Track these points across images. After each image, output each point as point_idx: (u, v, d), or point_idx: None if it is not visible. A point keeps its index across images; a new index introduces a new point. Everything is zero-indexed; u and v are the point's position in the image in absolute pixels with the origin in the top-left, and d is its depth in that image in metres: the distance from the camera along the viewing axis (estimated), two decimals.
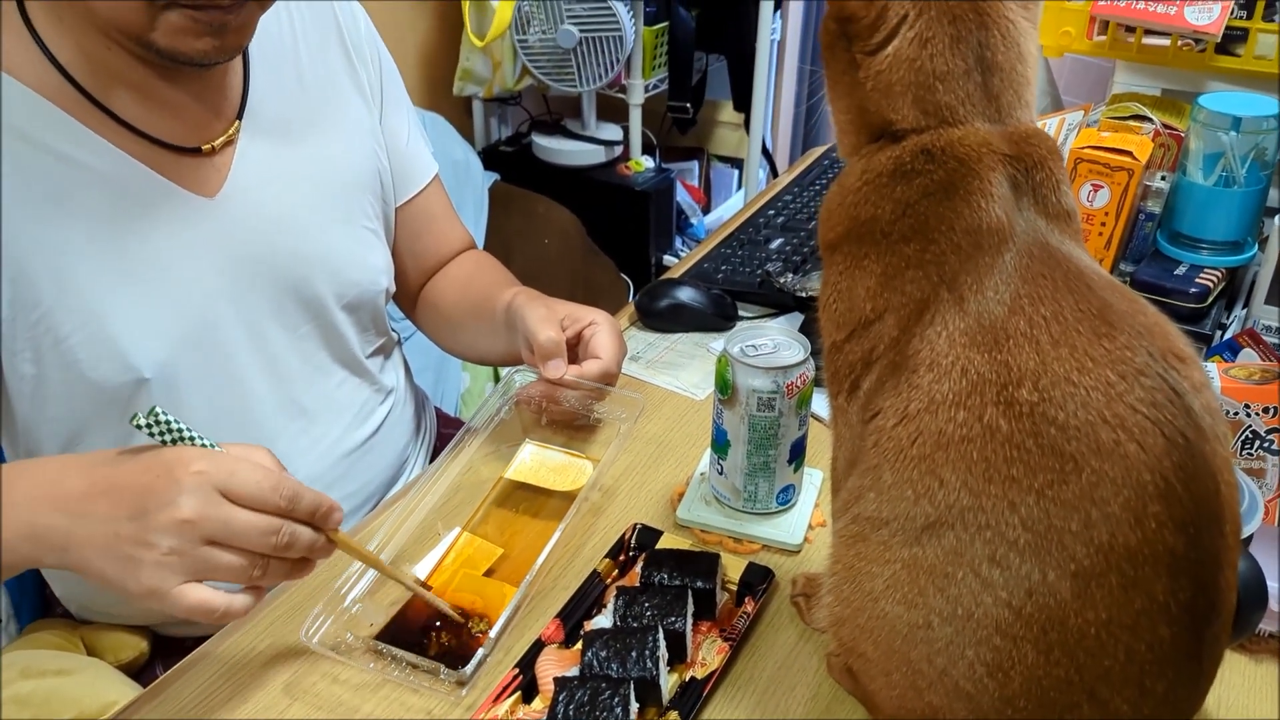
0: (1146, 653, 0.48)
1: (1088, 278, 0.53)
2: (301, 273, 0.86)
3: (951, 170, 0.54)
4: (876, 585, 0.54)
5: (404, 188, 0.99)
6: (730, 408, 0.76)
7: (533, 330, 0.84)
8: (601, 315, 0.88)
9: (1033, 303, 0.52)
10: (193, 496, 0.57)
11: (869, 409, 0.56)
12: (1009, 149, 0.55)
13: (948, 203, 0.54)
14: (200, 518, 0.57)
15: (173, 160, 0.78)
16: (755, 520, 0.79)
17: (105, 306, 0.75)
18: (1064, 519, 0.48)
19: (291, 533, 0.60)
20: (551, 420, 0.87)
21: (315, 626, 0.67)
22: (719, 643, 0.68)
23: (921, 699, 0.53)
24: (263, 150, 0.83)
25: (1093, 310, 0.51)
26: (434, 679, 0.65)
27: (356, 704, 0.65)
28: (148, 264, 0.77)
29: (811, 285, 1.07)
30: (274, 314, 0.85)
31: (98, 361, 0.76)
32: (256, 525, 0.58)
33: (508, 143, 2.35)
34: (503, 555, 0.77)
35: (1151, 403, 0.48)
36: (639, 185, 2.18)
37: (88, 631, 0.89)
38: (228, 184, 0.81)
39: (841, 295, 0.58)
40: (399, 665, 0.66)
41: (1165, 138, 1.02)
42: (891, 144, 0.56)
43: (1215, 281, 0.96)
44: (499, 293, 0.94)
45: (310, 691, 0.66)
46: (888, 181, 0.55)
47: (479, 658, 0.66)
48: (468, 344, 1.04)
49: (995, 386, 0.51)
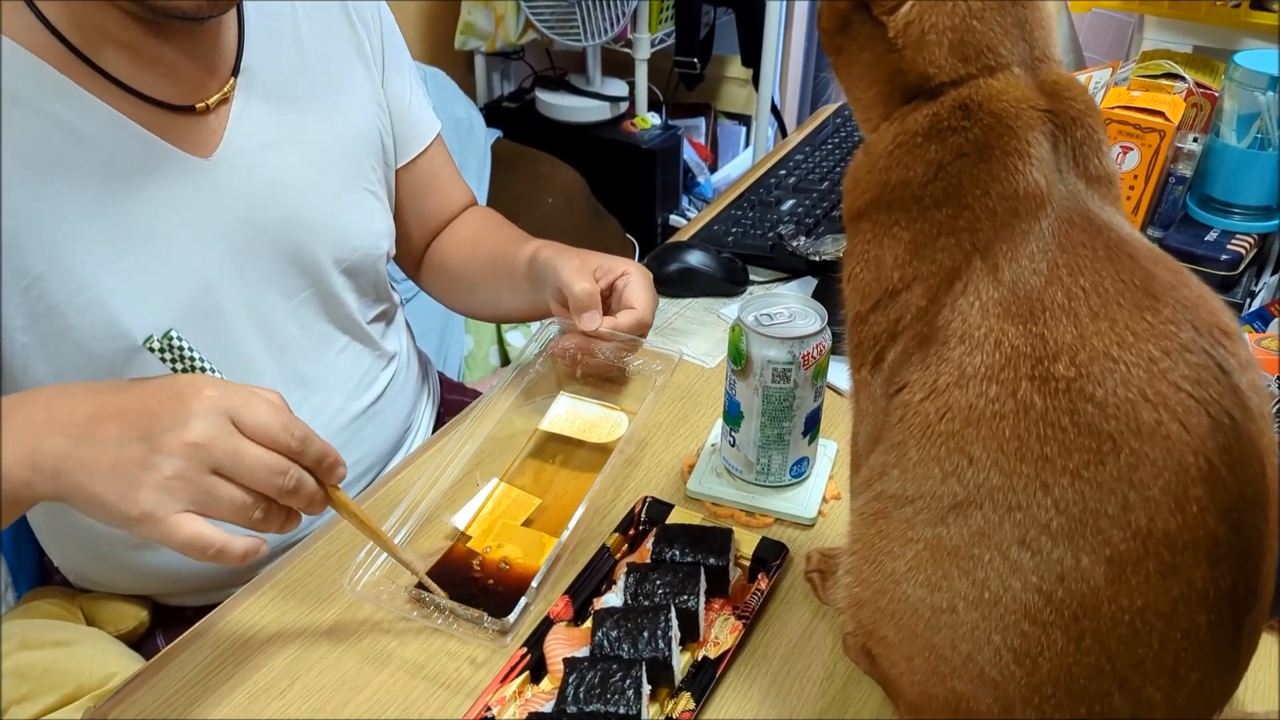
0: (1182, 641, 0.46)
1: (1130, 247, 0.50)
2: (301, 238, 0.83)
3: (988, 128, 0.51)
4: (898, 566, 0.52)
5: (406, 148, 0.97)
6: (744, 378, 0.74)
7: (567, 283, 0.82)
8: (634, 266, 0.87)
9: (1071, 273, 0.49)
10: (204, 421, 0.55)
11: (894, 382, 0.54)
12: (1047, 103, 0.52)
13: (983, 165, 0.51)
14: (209, 443, 0.55)
15: (166, 119, 0.75)
16: (768, 493, 0.77)
17: (99, 273, 0.73)
18: (1100, 502, 0.46)
19: (299, 477, 0.58)
20: (586, 373, 0.87)
21: (357, 575, 0.67)
22: (732, 621, 0.66)
23: (944, 685, 0.51)
24: (259, 110, 0.81)
25: (1135, 282, 0.48)
26: (477, 627, 0.66)
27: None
28: (142, 229, 0.74)
29: (825, 249, 1.04)
30: (272, 281, 0.82)
31: (92, 330, 0.73)
32: (265, 461, 0.56)
33: (510, 99, 2.31)
34: (540, 505, 0.76)
35: (1196, 380, 0.46)
36: (645, 143, 2.14)
37: (87, 601, 0.87)
38: (223, 144, 0.78)
39: (868, 265, 0.55)
40: (441, 613, 0.67)
41: (1198, 97, 0.98)
42: (927, 102, 0.53)
43: (1247, 248, 0.93)
44: (516, 248, 0.93)
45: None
46: (922, 141, 0.52)
47: (521, 606, 0.66)
48: (484, 302, 1.02)
49: (1030, 360, 0.48)
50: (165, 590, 0.88)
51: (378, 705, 0.62)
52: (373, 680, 0.64)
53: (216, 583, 0.86)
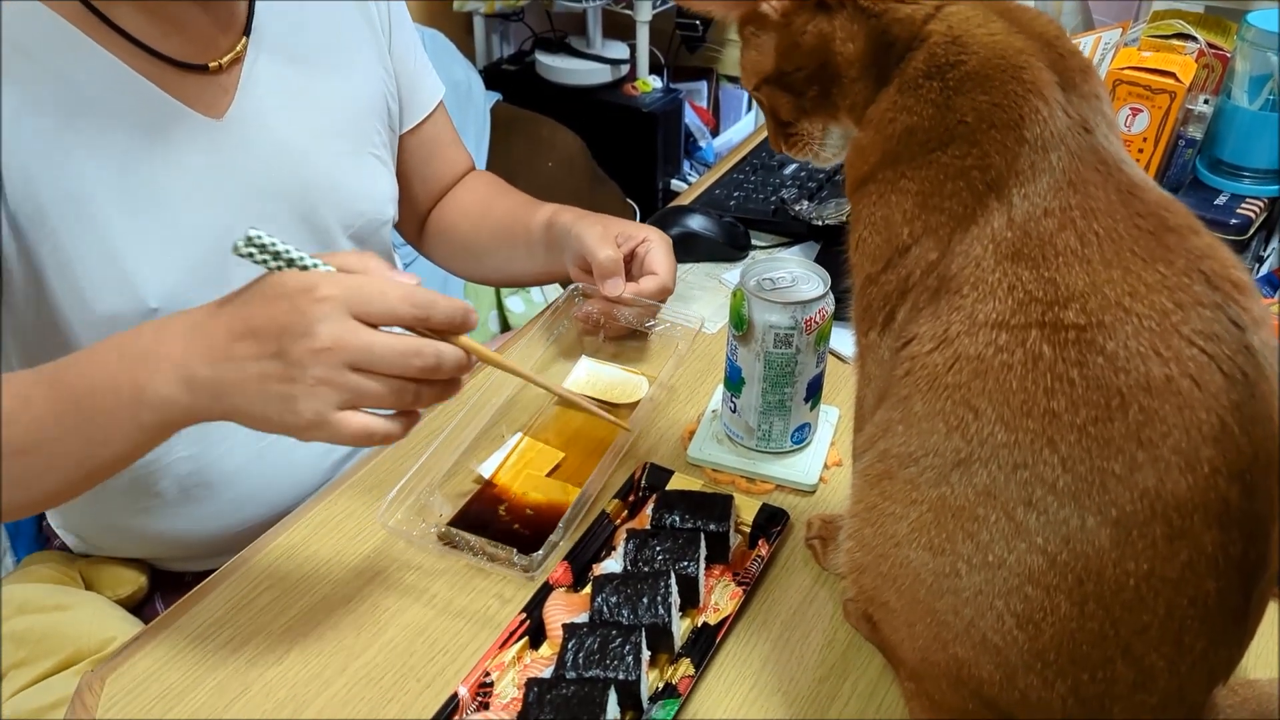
0: (1189, 608, 0.45)
1: (1141, 190, 0.49)
2: (311, 201, 0.83)
3: (985, 59, 0.50)
4: (900, 529, 0.51)
5: (412, 114, 0.97)
6: (745, 344, 0.73)
7: (592, 249, 0.84)
8: (655, 232, 0.88)
9: (1085, 216, 0.48)
10: (326, 324, 0.54)
11: (902, 337, 0.53)
12: (1034, 47, 0.51)
13: (985, 95, 0.50)
14: (338, 344, 0.54)
15: (179, 78, 0.75)
16: (769, 459, 0.77)
17: (112, 229, 0.72)
18: (1107, 460, 0.45)
19: (436, 353, 0.57)
20: (609, 337, 0.89)
21: (389, 513, 0.69)
22: (732, 587, 0.66)
23: (946, 651, 0.51)
24: (270, 70, 0.80)
25: (1148, 229, 0.47)
26: (507, 565, 0.67)
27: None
28: (156, 188, 0.74)
29: (828, 213, 1.03)
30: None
31: (103, 290, 0.73)
32: (395, 348, 0.55)
33: (510, 61, 2.28)
34: (563, 459, 0.78)
35: (1209, 335, 0.45)
36: (646, 106, 2.12)
37: (86, 565, 0.87)
38: (235, 105, 0.78)
39: (876, 227, 0.54)
40: (470, 552, 0.68)
41: (1210, 58, 0.96)
42: (917, 50, 0.52)
43: (1257, 212, 0.92)
44: (529, 213, 0.94)
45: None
46: (923, 82, 0.51)
47: (549, 543, 0.67)
48: (495, 267, 1.03)
49: (1041, 305, 0.47)
50: (165, 555, 0.88)
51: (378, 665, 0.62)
52: (375, 642, 0.64)
53: (217, 549, 0.85)
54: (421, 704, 0.60)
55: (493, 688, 0.59)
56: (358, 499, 0.74)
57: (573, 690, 0.54)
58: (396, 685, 0.61)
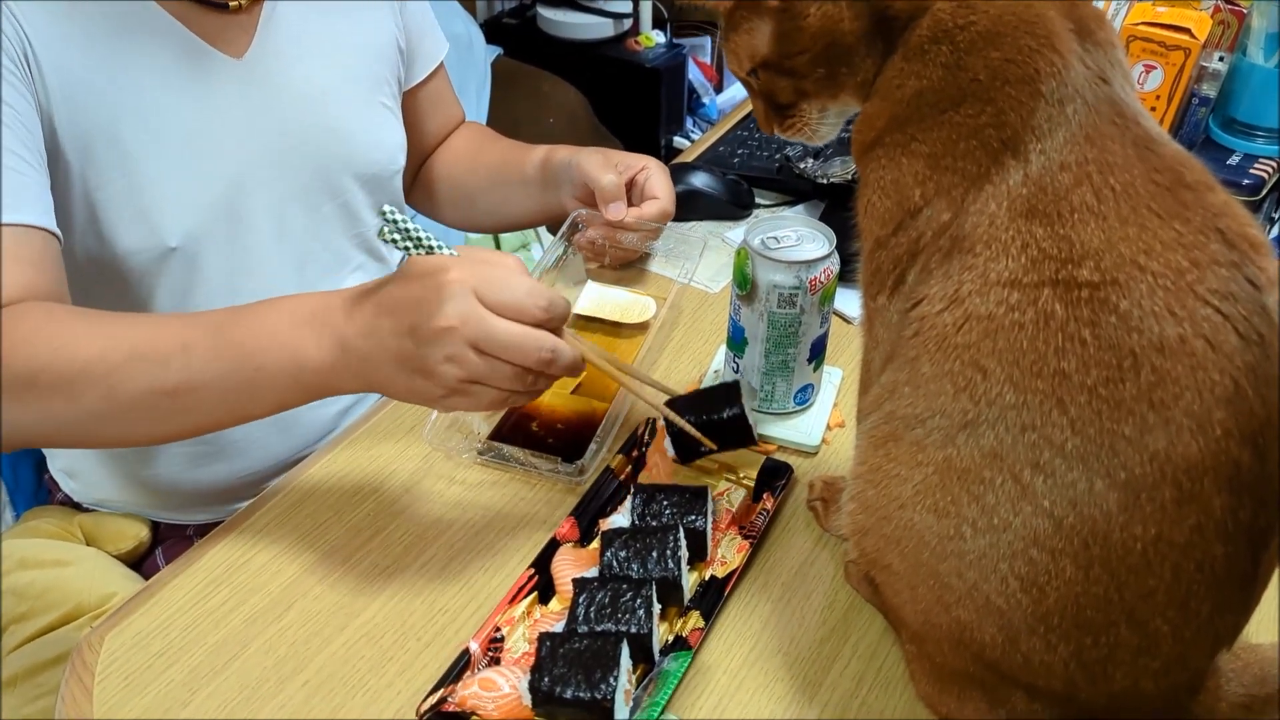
0: (1195, 573, 0.45)
1: (1157, 145, 0.47)
2: (328, 147, 0.84)
3: (995, 17, 0.48)
4: (905, 491, 0.51)
5: (417, 69, 0.97)
6: (749, 304, 0.72)
7: (594, 176, 0.86)
8: (653, 161, 0.91)
9: (1101, 171, 0.46)
10: (453, 304, 0.56)
11: (911, 299, 0.52)
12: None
13: (998, 52, 0.48)
14: (462, 323, 0.56)
15: (201, 16, 0.76)
16: (771, 420, 0.76)
17: (139, 167, 0.73)
18: (1117, 422, 0.44)
19: (553, 348, 0.58)
20: (614, 260, 0.92)
21: (430, 430, 0.72)
22: (739, 540, 0.66)
23: (949, 614, 0.50)
24: (290, 12, 0.81)
25: (1165, 184, 0.46)
26: (552, 474, 0.70)
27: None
28: (179, 126, 0.75)
29: (833, 171, 1.01)
30: (297, 195, 0.83)
31: (125, 226, 0.74)
32: (514, 337, 0.57)
33: (511, 14, 2.24)
34: (586, 376, 0.79)
35: (1225, 295, 0.44)
36: (649, 61, 2.08)
37: (86, 519, 0.87)
38: (255, 45, 0.79)
39: (885, 190, 0.52)
40: (514, 463, 0.72)
41: (1226, 14, 0.94)
42: (923, 16, 0.50)
43: (1270, 172, 0.90)
44: (522, 154, 0.97)
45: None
46: (931, 45, 0.50)
47: (592, 450, 0.70)
48: (488, 210, 1.03)
49: (1055, 263, 0.46)
50: (168, 504, 0.88)
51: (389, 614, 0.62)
52: (374, 602, 0.64)
53: (220, 498, 0.86)
54: (421, 663, 0.60)
55: (503, 643, 0.59)
56: (357, 457, 0.74)
57: (585, 644, 0.54)
58: (396, 644, 0.61)
